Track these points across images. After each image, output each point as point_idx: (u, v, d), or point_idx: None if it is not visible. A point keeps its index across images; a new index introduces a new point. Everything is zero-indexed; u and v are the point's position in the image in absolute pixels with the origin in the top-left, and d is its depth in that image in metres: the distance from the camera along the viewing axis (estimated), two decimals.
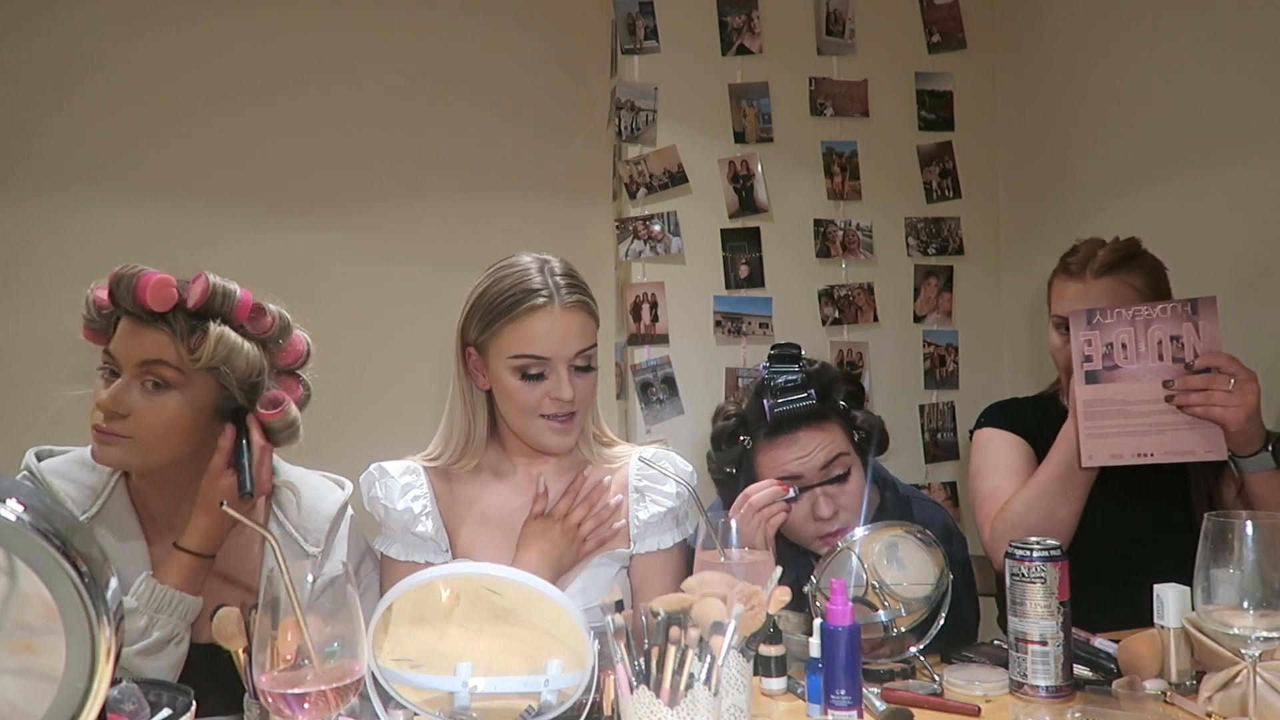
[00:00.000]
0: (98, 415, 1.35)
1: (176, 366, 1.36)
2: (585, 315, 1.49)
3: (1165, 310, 1.55)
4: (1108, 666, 1.39)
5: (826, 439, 1.65)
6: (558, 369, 1.47)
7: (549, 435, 1.51)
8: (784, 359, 1.68)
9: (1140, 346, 1.56)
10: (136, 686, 1.05)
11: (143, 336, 1.35)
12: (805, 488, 1.63)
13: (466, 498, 1.57)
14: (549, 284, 1.47)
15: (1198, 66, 2.38)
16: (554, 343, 1.46)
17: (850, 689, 1.21)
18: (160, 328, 1.35)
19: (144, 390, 1.36)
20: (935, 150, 3.08)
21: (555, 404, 1.48)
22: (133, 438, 1.35)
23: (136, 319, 1.36)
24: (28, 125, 2.67)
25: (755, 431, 1.68)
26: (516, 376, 1.48)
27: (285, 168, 2.81)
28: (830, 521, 1.63)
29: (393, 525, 1.53)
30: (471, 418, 1.56)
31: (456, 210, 2.90)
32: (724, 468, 1.74)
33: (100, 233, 2.63)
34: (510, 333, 1.47)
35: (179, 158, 2.74)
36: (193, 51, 2.76)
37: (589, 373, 1.51)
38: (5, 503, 0.71)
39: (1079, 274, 1.75)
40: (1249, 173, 2.26)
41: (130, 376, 1.35)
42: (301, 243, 2.80)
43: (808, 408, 1.64)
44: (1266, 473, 1.55)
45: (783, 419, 1.64)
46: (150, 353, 1.35)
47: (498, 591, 1.10)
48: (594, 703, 1.13)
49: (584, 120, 3.01)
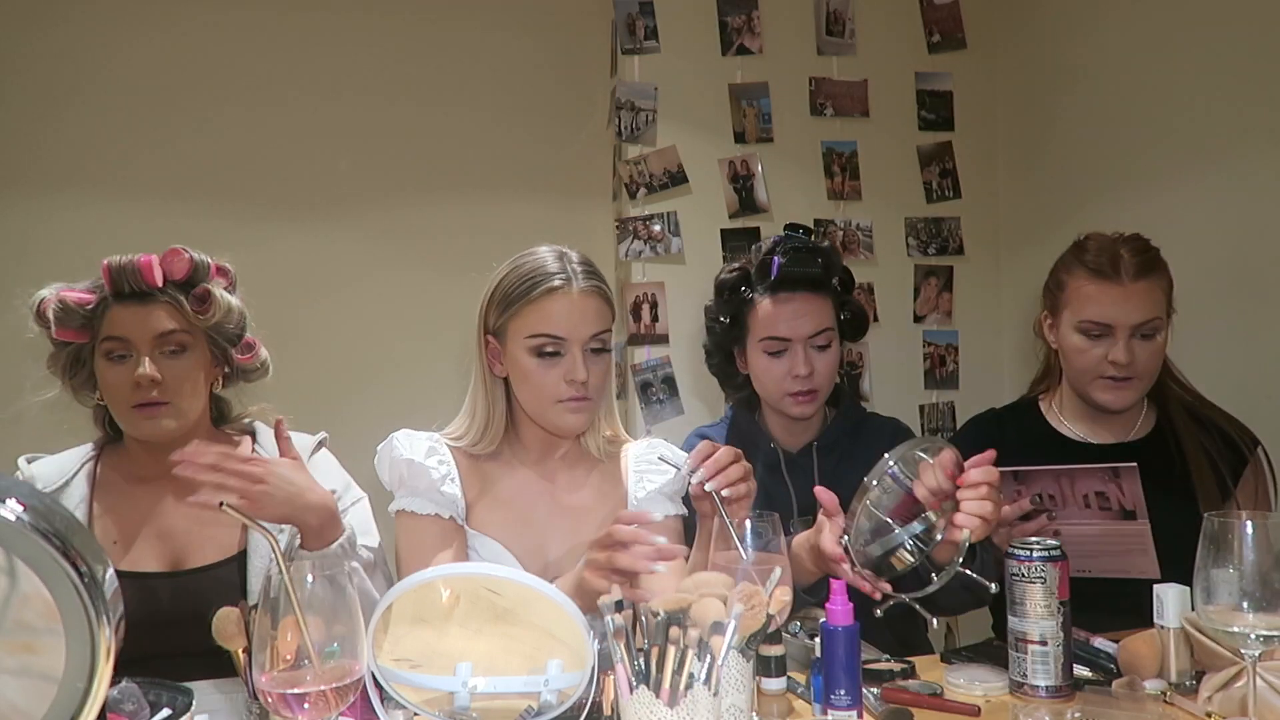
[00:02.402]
0: (137, 393, 1.48)
1: (186, 330, 1.52)
2: (601, 300, 1.53)
3: (1087, 471, 1.61)
4: (1108, 666, 1.40)
5: (819, 309, 1.78)
6: (573, 350, 1.50)
7: (565, 415, 1.53)
8: (798, 229, 1.84)
9: (1066, 499, 1.63)
10: (136, 686, 1.05)
11: (151, 313, 1.50)
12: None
13: (485, 478, 1.59)
14: (567, 269, 1.52)
15: (1198, 66, 2.38)
16: (571, 323, 1.50)
17: (850, 689, 1.22)
18: (162, 301, 1.51)
19: (165, 358, 1.51)
20: (935, 150, 3.08)
21: (571, 385, 1.50)
22: (170, 402, 1.50)
23: (135, 300, 1.50)
24: (34, 128, 2.67)
25: (757, 285, 1.80)
26: (533, 356, 1.51)
27: (288, 170, 2.81)
28: (806, 380, 1.76)
29: (418, 479, 1.54)
30: (491, 405, 1.59)
31: (457, 210, 2.90)
32: (719, 316, 1.87)
33: (106, 235, 2.60)
34: (528, 314, 1.51)
35: (183, 161, 2.74)
36: (196, 56, 2.76)
37: (604, 355, 1.54)
38: (5, 503, 0.71)
39: (1114, 277, 1.71)
40: (1249, 173, 2.26)
41: (149, 350, 1.49)
42: (304, 245, 2.81)
43: (812, 274, 1.77)
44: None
45: (787, 278, 1.76)
46: (165, 325, 1.50)
47: (498, 591, 1.10)
48: (594, 703, 1.14)
49: (584, 120, 3.01)
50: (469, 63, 2.93)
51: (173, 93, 2.74)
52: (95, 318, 1.51)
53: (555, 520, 1.59)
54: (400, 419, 1.64)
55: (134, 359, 1.49)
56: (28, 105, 2.67)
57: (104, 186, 2.69)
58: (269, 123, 2.80)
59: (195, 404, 1.55)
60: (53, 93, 2.68)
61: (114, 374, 1.50)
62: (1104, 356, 1.72)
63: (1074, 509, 1.62)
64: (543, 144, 2.98)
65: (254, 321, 1.63)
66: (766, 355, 1.79)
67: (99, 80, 2.71)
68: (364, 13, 2.87)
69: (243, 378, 1.64)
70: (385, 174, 2.88)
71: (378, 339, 2.83)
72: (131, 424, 1.53)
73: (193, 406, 1.55)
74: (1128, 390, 1.74)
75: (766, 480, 1.79)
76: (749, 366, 1.85)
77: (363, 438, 1.67)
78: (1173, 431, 1.79)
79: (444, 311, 1.64)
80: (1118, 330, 1.71)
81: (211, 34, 2.77)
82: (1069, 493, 1.62)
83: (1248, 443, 1.78)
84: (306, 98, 2.82)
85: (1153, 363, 1.74)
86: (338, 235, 2.85)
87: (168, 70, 2.74)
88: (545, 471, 1.62)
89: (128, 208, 2.68)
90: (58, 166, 2.68)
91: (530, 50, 2.97)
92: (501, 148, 2.94)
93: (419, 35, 2.90)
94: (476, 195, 2.92)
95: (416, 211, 2.90)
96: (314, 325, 2.76)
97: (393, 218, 2.88)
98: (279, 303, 1.63)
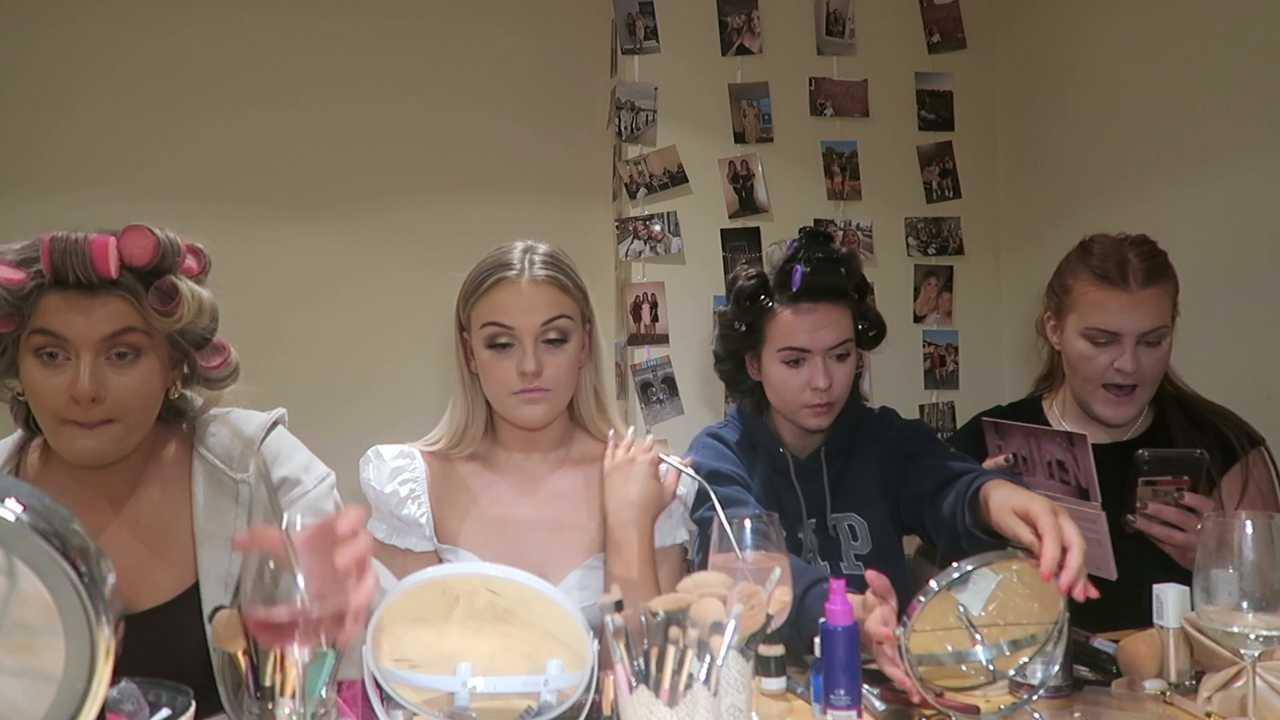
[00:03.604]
0: (71, 408, 1.18)
1: (144, 331, 1.21)
2: (556, 289, 1.51)
3: (1050, 435, 1.60)
4: (1107, 666, 1.39)
5: (840, 320, 1.72)
6: (524, 341, 1.49)
7: (520, 408, 1.52)
8: (818, 236, 1.76)
9: (1035, 462, 1.62)
10: (136, 686, 1.05)
11: (98, 308, 1.19)
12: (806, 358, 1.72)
13: (460, 483, 1.58)
14: (524, 260, 1.51)
15: (1198, 66, 2.38)
16: (518, 312, 1.48)
17: (850, 689, 1.21)
18: (116, 294, 1.19)
19: (112, 365, 1.20)
20: (935, 150, 3.08)
21: (523, 377, 1.49)
22: (116, 420, 1.21)
23: (79, 290, 1.18)
24: (36, 129, 2.68)
25: (776, 294, 1.73)
26: (486, 348, 1.51)
27: (289, 170, 2.81)
28: (826, 392, 1.70)
29: (381, 507, 1.55)
30: (470, 403, 1.58)
31: (457, 210, 2.90)
32: (735, 324, 1.78)
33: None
34: (482, 305, 1.51)
35: (184, 162, 2.74)
36: (197, 58, 2.77)
37: (561, 346, 1.51)
38: (4, 503, 0.71)
39: (1122, 284, 1.69)
40: (1249, 173, 2.26)
41: (92, 354, 1.18)
42: (304, 244, 2.81)
43: (836, 284, 1.72)
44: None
45: (809, 288, 1.70)
46: (115, 324, 1.19)
47: (498, 591, 1.10)
48: (594, 703, 1.13)
49: (584, 120, 3.01)
50: (469, 62, 2.93)
51: (172, 93, 2.74)
52: (26, 304, 1.19)
53: (536, 525, 1.56)
54: (400, 419, 1.65)
55: (71, 363, 1.18)
56: (31, 107, 2.67)
57: (104, 188, 2.69)
58: (269, 122, 2.80)
59: (146, 420, 1.26)
60: (55, 95, 2.68)
61: (42, 377, 1.19)
62: (1109, 364, 1.71)
63: (1041, 476, 1.62)
64: (543, 144, 2.98)
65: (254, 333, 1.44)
66: (784, 365, 1.73)
67: (100, 82, 2.71)
68: (364, 13, 2.87)
69: (205, 384, 1.34)
70: (385, 174, 2.88)
71: (375, 339, 2.83)
72: (61, 441, 1.21)
73: (142, 423, 1.25)
74: (1129, 405, 1.74)
75: (775, 484, 1.78)
76: (763, 374, 1.79)
77: (363, 438, 1.67)
78: (1167, 431, 1.79)
79: (442, 312, 1.63)
80: (1124, 338, 1.69)
81: (211, 35, 2.77)
82: (1036, 455, 1.62)
83: (1244, 442, 1.76)
84: (305, 98, 2.82)
85: (1158, 370, 1.74)
86: (336, 235, 2.84)
87: (167, 71, 2.74)
88: (527, 474, 1.60)
89: (127, 208, 2.60)
90: (59, 168, 2.68)
91: (530, 50, 2.97)
92: (501, 148, 2.94)
93: (418, 35, 2.90)
94: (476, 195, 2.92)
95: (417, 211, 2.90)
96: (312, 324, 2.76)
97: (393, 218, 2.88)
98: (279, 302, 1.63)
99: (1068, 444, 1.55)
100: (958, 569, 1.18)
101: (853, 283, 1.76)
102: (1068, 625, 1.26)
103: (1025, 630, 1.25)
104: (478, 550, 1.53)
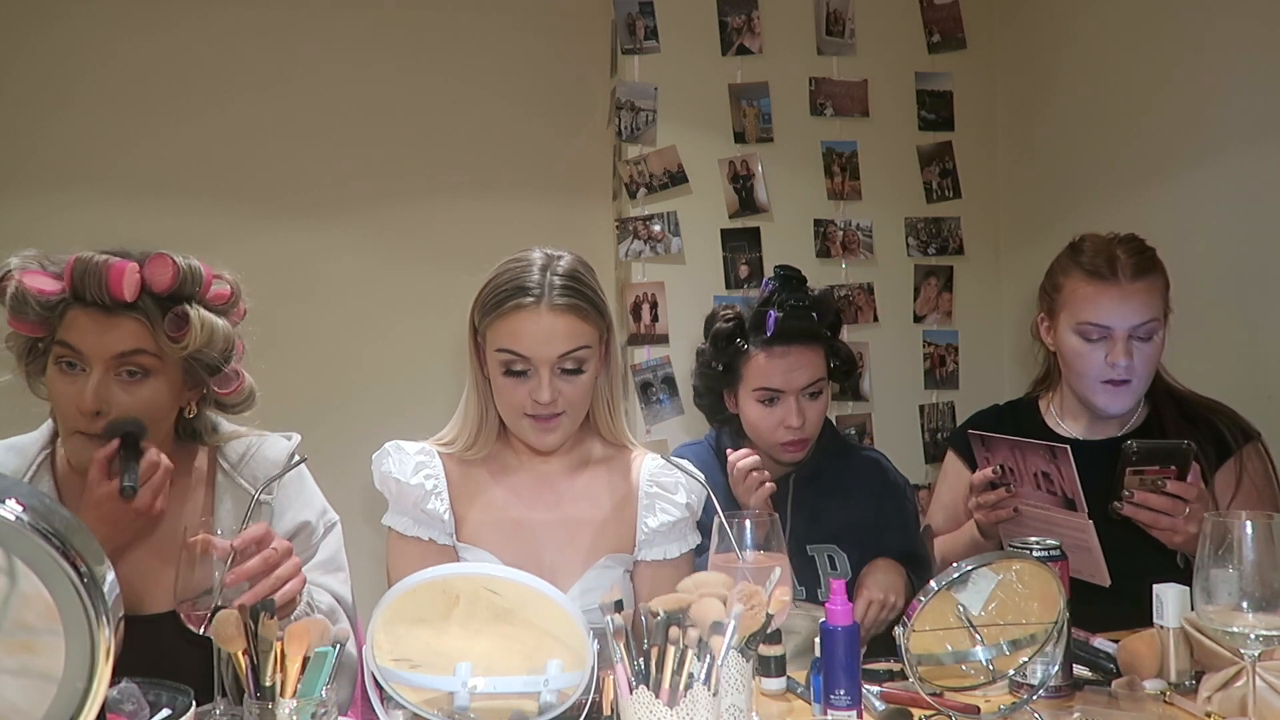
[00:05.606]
0: (81, 418, 1.27)
1: (154, 354, 1.29)
2: (575, 318, 1.45)
3: (1033, 447, 1.61)
4: (1107, 666, 1.39)
5: (812, 360, 1.83)
6: (539, 370, 1.45)
7: (531, 433, 1.50)
8: (791, 280, 1.86)
9: (1022, 473, 1.63)
10: (136, 686, 1.05)
11: (113, 328, 1.27)
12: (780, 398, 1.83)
13: (476, 485, 1.56)
14: (544, 283, 1.44)
15: (1198, 66, 2.38)
16: (536, 343, 1.43)
17: (849, 689, 1.21)
18: (132, 316, 1.28)
19: (121, 382, 1.28)
20: (935, 150, 3.08)
21: (536, 405, 1.46)
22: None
23: (99, 309, 1.27)
24: (30, 125, 2.67)
25: (751, 337, 1.84)
26: (501, 371, 1.47)
27: (287, 168, 2.81)
28: (799, 429, 1.82)
29: (404, 499, 1.51)
30: (484, 406, 1.55)
31: (457, 210, 2.90)
32: (712, 363, 1.90)
33: (103, 233, 2.60)
34: (499, 327, 1.46)
35: (181, 158, 2.74)
36: (193, 53, 2.76)
37: (577, 375, 1.47)
38: (4, 503, 0.71)
39: (1111, 278, 1.70)
40: (1249, 173, 2.26)
41: (104, 370, 1.27)
42: (303, 242, 2.81)
43: (807, 328, 1.82)
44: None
45: (782, 333, 1.81)
46: (126, 344, 1.27)
47: (498, 591, 1.10)
48: (594, 703, 1.14)
49: (584, 120, 3.01)
50: (469, 62, 2.93)
51: (168, 92, 2.74)
52: (54, 315, 1.28)
53: (551, 526, 1.55)
54: (400, 419, 1.64)
55: (85, 375, 1.27)
56: (25, 103, 2.67)
57: (100, 184, 2.69)
58: (268, 121, 2.79)
59: (154, 433, 1.32)
60: (49, 91, 2.68)
61: (60, 385, 1.28)
62: (1103, 359, 1.72)
63: (1029, 487, 1.63)
64: (543, 143, 2.98)
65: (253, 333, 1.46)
66: (760, 404, 1.84)
67: (95, 79, 2.70)
68: (364, 12, 2.87)
69: (220, 408, 1.42)
70: (385, 173, 2.88)
71: (375, 339, 2.83)
72: (70, 447, 1.31)
73: (150, 436, 1.30)
74: (1126, 395, 1.74)
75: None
76: (740, 410, 1.89)
77: (363, 438, 1.67)
78: (1161, 426, 1.79)
79: (442, 312, 1.63)
80: (1116, 332, 1.70)
81: (208, 32, 2.77)
82: (1022, 467, 1.62)
83: (1238, 435, 1.76)
84: (305, 97, 2.82)
85: (1151, 364, 1.75)
86: (336, 234, 2.84)
87: (163, 69, 2.74)
88: (541, 477, 1.58)
89: (124, 205, 2.68)
90: (54, 165, 2.68)
91: (530, 50, 2.97)
92: (501, 147, 2.94)
93: (419, 35, 2.90)
94: (476, 195, 2.92)
95: (417, 211, 2.90)
96: (312, 324, 2.76)
97: (393, 217, 2.88)
98: (278, 302, 1.62)
99: (1050, 456, 1.56)
100: (958, 569, 1.19)
101: (825, 324, 1.86)
102: (1068, 625, 1.26)
103: (1025, 630, 1.25)
104: (495, 550, 1.51)
